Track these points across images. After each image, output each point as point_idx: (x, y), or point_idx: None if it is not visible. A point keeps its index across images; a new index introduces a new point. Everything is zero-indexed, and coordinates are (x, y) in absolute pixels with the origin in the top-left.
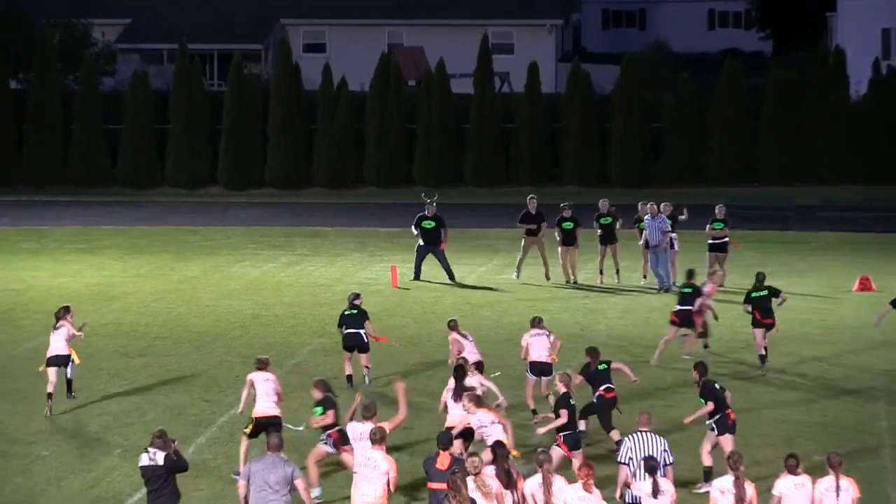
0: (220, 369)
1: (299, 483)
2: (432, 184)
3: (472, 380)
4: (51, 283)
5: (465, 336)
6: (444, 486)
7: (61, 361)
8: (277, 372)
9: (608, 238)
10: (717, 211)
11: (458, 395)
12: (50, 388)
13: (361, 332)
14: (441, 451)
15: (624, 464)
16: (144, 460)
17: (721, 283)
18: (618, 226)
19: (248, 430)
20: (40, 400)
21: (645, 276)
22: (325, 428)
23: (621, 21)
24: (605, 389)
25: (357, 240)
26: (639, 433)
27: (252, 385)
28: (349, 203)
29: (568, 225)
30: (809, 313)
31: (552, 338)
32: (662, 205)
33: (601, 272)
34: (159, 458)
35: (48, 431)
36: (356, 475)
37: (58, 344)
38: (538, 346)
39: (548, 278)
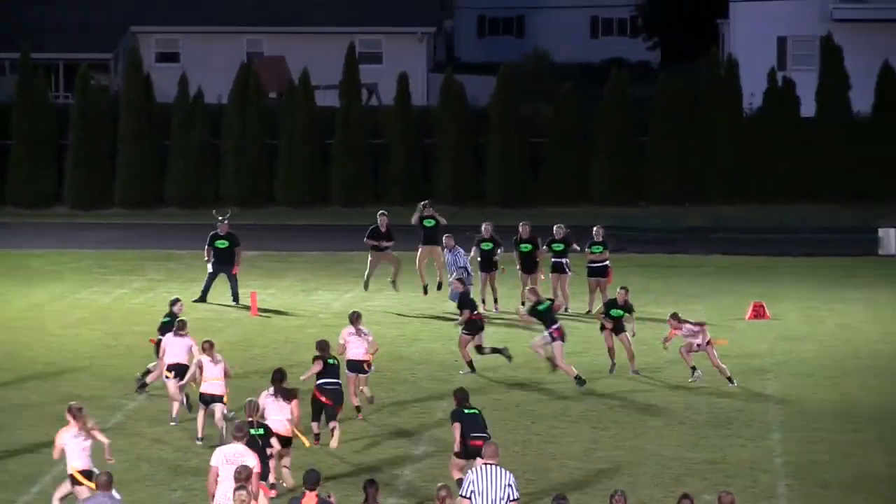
0: (67, 401)
1: None
2: (296, 203)
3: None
4: None
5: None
6: None
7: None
8: (130, 406)
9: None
10: (594, 233)
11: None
12: None
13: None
14: (307, 492)
15: (466, 497)
16: None
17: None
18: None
19: None
20: None
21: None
22: None
23: (498, 29)
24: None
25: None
26: (484, 466)
27: None
28: (205, 224)
29: (429, 222)
30: None
31: (371, 338)
32: (556, 227)
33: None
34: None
35: None
36: None
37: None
38: (355, 345)
39: (396, 289)
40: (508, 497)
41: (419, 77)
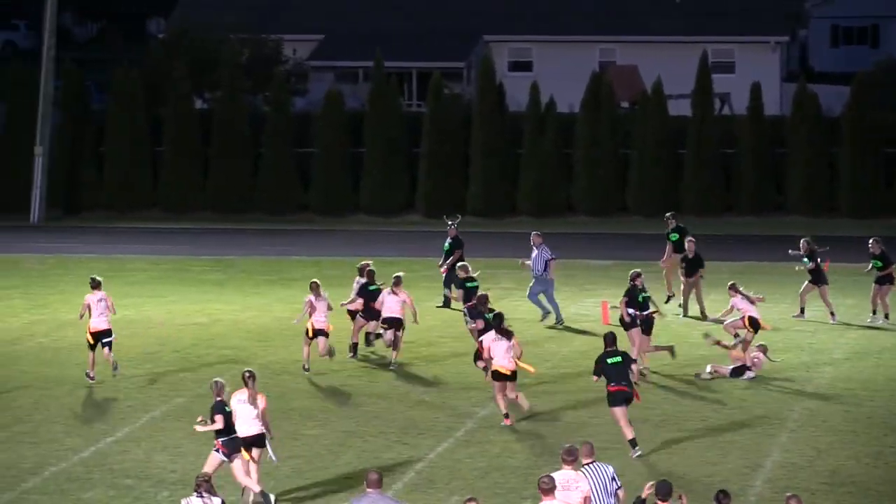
0: (417, 409)
1: None
2: (647, 213)
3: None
4: (238, 316)
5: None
6: None
7: (395, 323)
8: (481, 413)
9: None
10: None
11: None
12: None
13: None
14: (660, 502)
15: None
16: None
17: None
18: (824, 264)
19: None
20: None
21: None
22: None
23: (852, 38)
24: None
25: (566, 272)
26: (587, 466)
27: (88, 306)
28: (557, 233)
29: (674, 236)
30: None
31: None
32: (872, 240)
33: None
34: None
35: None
36: None
37: (393, 307)
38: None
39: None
40: (616, 488)
41: (772, 86)
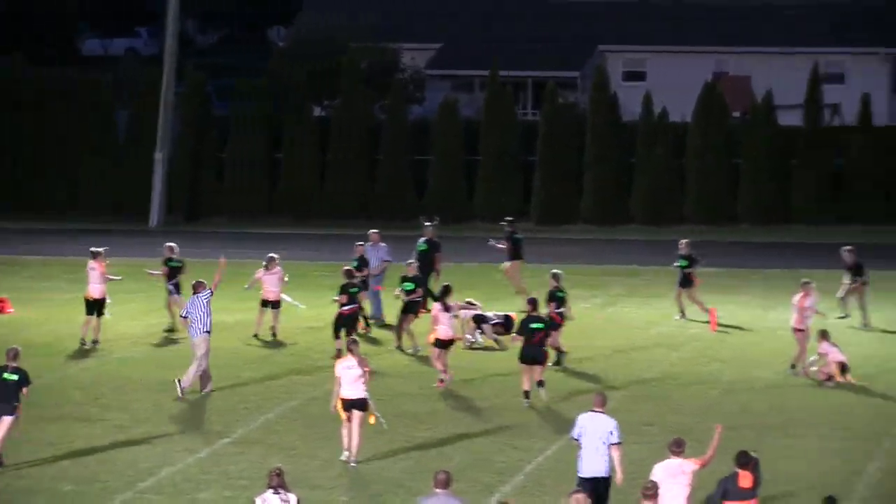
0: (527, 414)
1: None
2: (757, 221)
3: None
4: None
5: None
6: None
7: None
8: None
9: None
10: None
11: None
12: None
13: None
14: (740, 471)
15: (575, 439)
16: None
17: None
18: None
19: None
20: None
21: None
22: None
23: None
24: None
25: (675, 280)
26: (591, 413)
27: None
28: (667, 241)
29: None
30: None
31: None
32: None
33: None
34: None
35: (347, 476)
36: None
37: None
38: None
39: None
40: (609, 440)
41: (881, 97)
